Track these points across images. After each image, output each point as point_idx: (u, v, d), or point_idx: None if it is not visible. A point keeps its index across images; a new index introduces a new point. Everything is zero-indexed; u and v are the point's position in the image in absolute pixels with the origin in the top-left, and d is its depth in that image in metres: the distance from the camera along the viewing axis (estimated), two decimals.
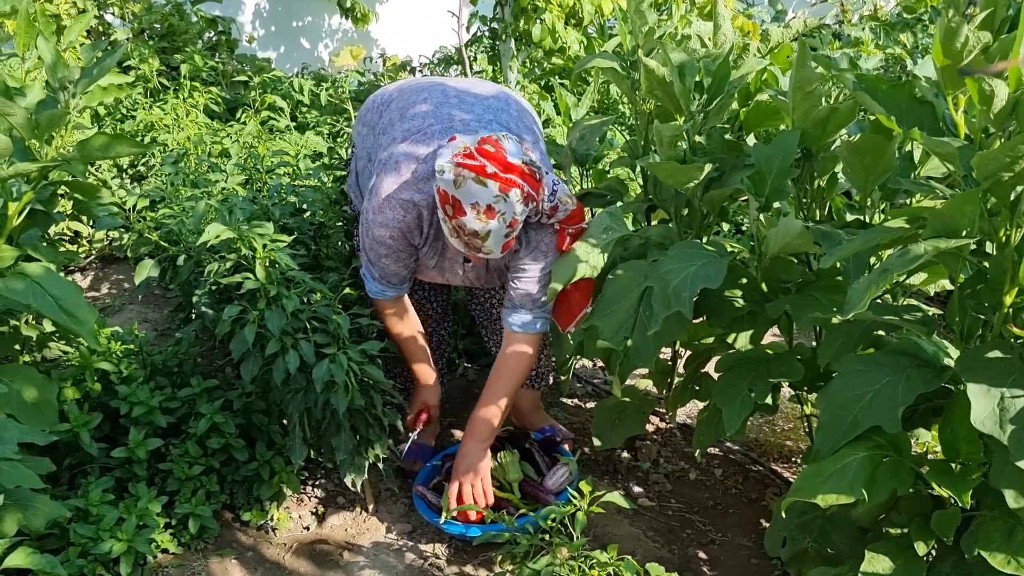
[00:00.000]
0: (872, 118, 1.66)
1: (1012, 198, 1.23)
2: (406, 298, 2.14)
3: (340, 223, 2.34)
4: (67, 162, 1.74)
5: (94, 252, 3.43)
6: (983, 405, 1.22)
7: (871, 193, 1.69)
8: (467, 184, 1.69)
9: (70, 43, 2.53)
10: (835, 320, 1.64)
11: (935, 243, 1.21)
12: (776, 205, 1.72)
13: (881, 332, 1.66)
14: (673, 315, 1.63)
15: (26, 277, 1.73)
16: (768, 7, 8.11)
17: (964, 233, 1.26)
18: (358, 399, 1.80)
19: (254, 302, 1.79)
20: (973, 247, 1.36)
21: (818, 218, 1.90)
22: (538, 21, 3.61)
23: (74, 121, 2.53)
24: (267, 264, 1.77)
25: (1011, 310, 1.30)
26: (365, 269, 2.04)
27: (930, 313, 1.52)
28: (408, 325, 2.14)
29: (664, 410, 2.56)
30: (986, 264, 1.35)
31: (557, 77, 4.59)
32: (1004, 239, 1.27)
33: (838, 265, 1.72)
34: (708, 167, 1.73)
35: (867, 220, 1.75)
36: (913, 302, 1.78)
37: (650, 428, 2.52)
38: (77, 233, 3.37)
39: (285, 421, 2.05)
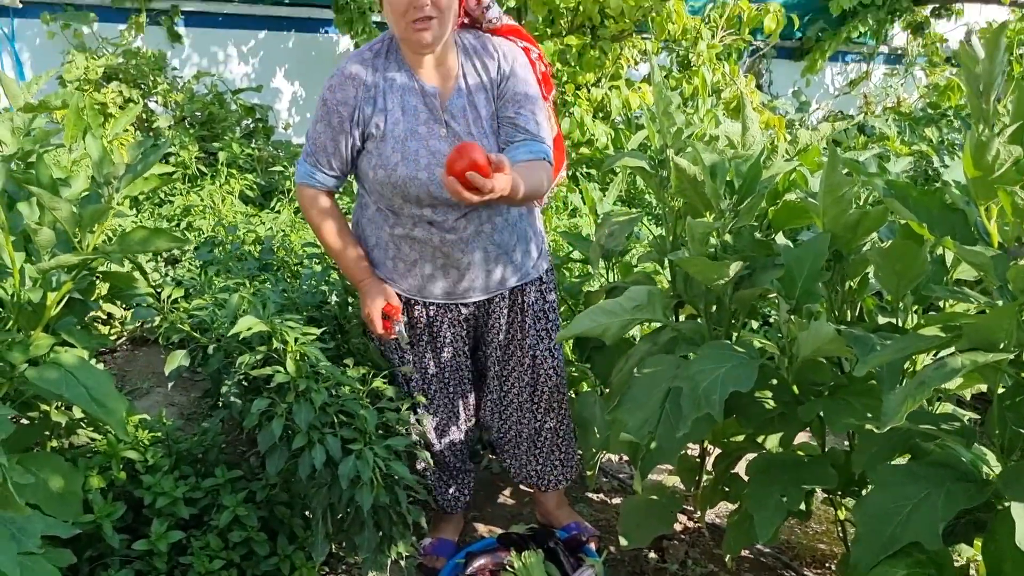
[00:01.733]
0: (903, 222, 1.66)
1: None
2: (334, 201, 2.05)
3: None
4: (106, 255, 1.78)
5: (125, 333, 3.47)
6: None
7: (903, 297, 1.68)
8: None
9: (116, 135, 2.63)
10: (870, 426, 1.61)
11: (973, 356, 1.19)
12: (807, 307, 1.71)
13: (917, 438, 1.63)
14: (702, 416, 1.61)
15: (60, 367, 1.75)
16: (791, 99, 8.27)
17: (1001, 346, 1.25)
18: (383, 496, 1.78)
19: (283, 395, 1.79)
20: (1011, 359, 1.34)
21: (849, 319, 1.89)
22: (567, 115, 3.71)
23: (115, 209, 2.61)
24: (297, 357, 1.78)
25: None
26: (303, 153, 2.00)
27: (966, 419, 1.48)
28: (335, 227, 2.02)
29: (692, 508, 2.50)
30: None
31: (584, 166, 4.67)
32: None
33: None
34: (738, 265, 1.74)
35: (899, 324, 1.73)
36: (950, 407, 1.75)
37: (678, 527, 2.45)
38: (110, 315, 3.42)
39: (308, 514, 2.02)
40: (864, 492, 1.74)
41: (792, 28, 4.28)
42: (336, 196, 2.08)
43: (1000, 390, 1.40)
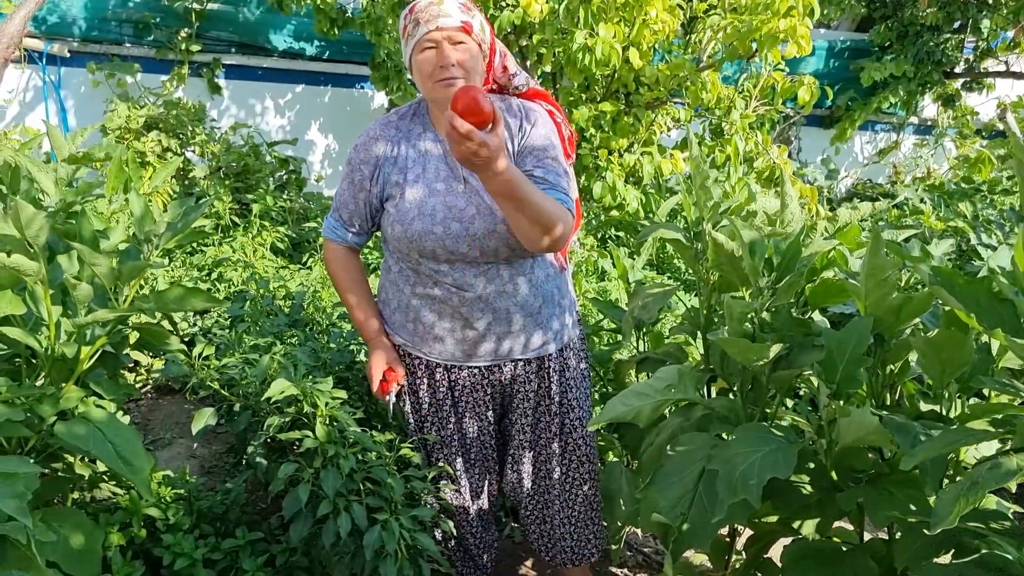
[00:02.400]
0: (947, 308, 1.63)
1: None
2: (356, 258, 2.10)
3: None
4: (142, 311, 1.79)
5: (151, 381, 3.48)
6: None
7: (947, 385, 1.64)
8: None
9: (155, 188, 2.67)
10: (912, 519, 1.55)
11: None
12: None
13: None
14: (738, 501, 1.57)
15: (88, 422, 1.75)
16: (820, 166, 8.29)
17: None
18: (407, 568, 1.74)
19: (310, 459, 1.77)
20: None
21: (888, 402, 1.84)
22: (600, 179, 3.72)
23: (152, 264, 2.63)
24: (326, 422, 1.76)
25: None
26: (331, 208, 2.09)
27: (1010, 513, 1.43)
28: (353, 284, 2.07)
29: None
30: None
31: (613, 228, 4.68)
32: None
33: None
34: (778, 347, 1.71)
35: (943, 412, 1.69)
36: (994, 500, 1.69)
37: None
38: (137, 362, 3.44)
39: None
40: None
41: (824, 97, 4.30)
42: (362, 253, 2.11)
43: None
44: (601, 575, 2.54)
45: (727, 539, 2.26)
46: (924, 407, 1.79)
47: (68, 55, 6.15)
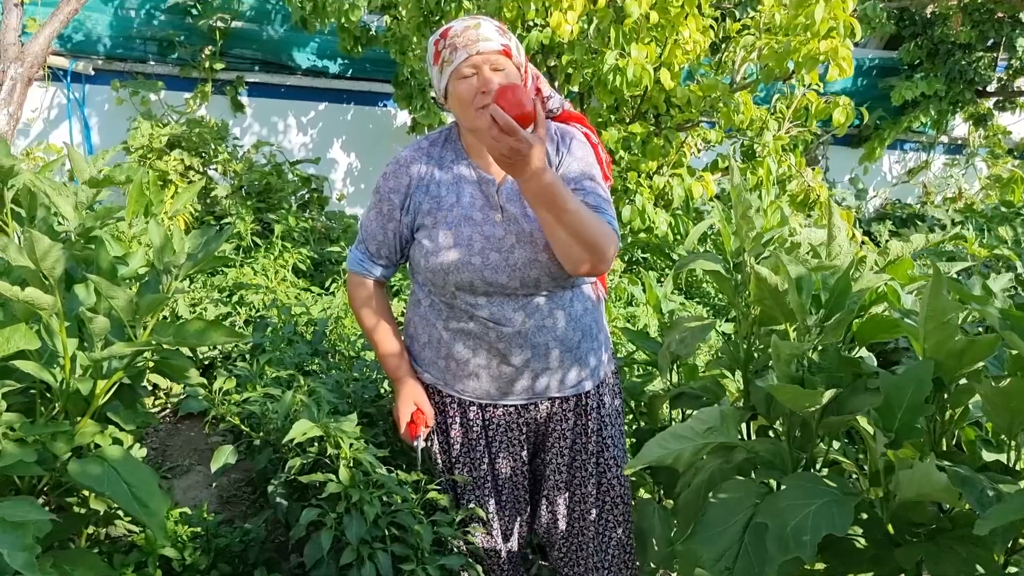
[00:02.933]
0: (1015, 352, 1.53)
1: None
2: (382, 292, 2.02)
3: None
4: (160, 346, 1.72)
5: (170, 405, 3.42)
6: None
7: (1016, 435, 1.53)
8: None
9: (176, 211, 2.62)
10: None
11: None
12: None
13: None
14: (790, 559, 1.47)
15: (103, 461, 1.68)
16: (849, 186, 8.15)
17: None
18: None
19: (333, 503, 1.69)
20: None
21: (945, 448, 1.74)
22: (629, 202, 3.63)
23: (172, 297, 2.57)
24: (351, 464, 1.67)
25: None
26: (356, 240, 2.00)
27: None
28: (379, 319, 1.98)
29: None
30: None
31: (640, 251, 4.59)
32: None
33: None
34: (831, 393, 1.60)
35: (1010, 464, 1.58)
36: None
37: None
38: (156, 385, 3.38)
39: None
40: None
41: (859, 118, 4.20)
42: (388, 284, 2.03)
43: None
44: None
45: None
46: (987, 456, 1.68)
47: (92, 73, 6.15)
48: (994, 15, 7.03)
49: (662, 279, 4.04)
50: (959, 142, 8.59)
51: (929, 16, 7.58)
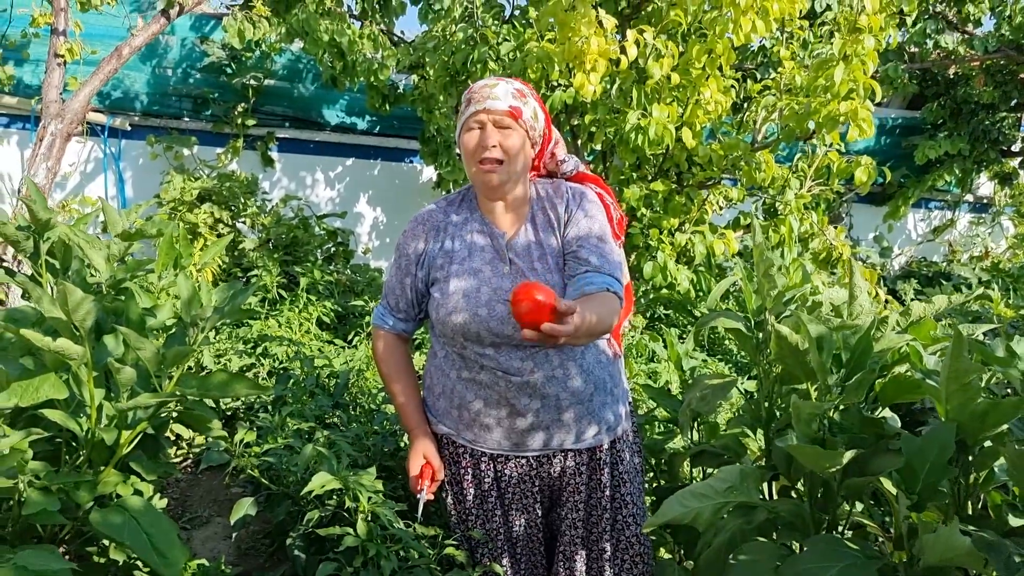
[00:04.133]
0: None
1: None
2: (404, 346, 2.07)
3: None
4: (183, 398, 1.75)
5: (191, 456, 3.43)
6: None
7: None
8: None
9: (205, 264, 2.67)
10: None
11: None
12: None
13: None
14: None
15: (124, 511, 1.69)
16: (873, 244, 8.12)
17: None
18: None
19: (350, 557, 1.68)
20: None
21: (971, 512, 1.70)
22: (651, 258, 3.65)
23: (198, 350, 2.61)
24: (368, 518, 1.67)
25: None
26: (382, 296, 2.09)
27: None
28: (398, 372, 2.03)
29: None
30: None
31: (662, 307, 4.58)
32: None
33: None
34: (851, 453, 1.59)
35: None
36: None
37: None
38: (178, 436, 3.40)
39: None
40: None
41: (882, 176, 4.21)
42: (411, 341, 2.08)
43: None
44: None
45: None
46: (1014, 521, 1.65)
47: (129, 128, 6.35)
48: (1016, 76, 7.07)
49: (684, 336, 4.03)
50: (984, 201, 8.56)
51: (952, 76, 7.63)
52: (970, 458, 1.62)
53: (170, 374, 1.82)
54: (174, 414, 2.02)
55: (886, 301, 3.91)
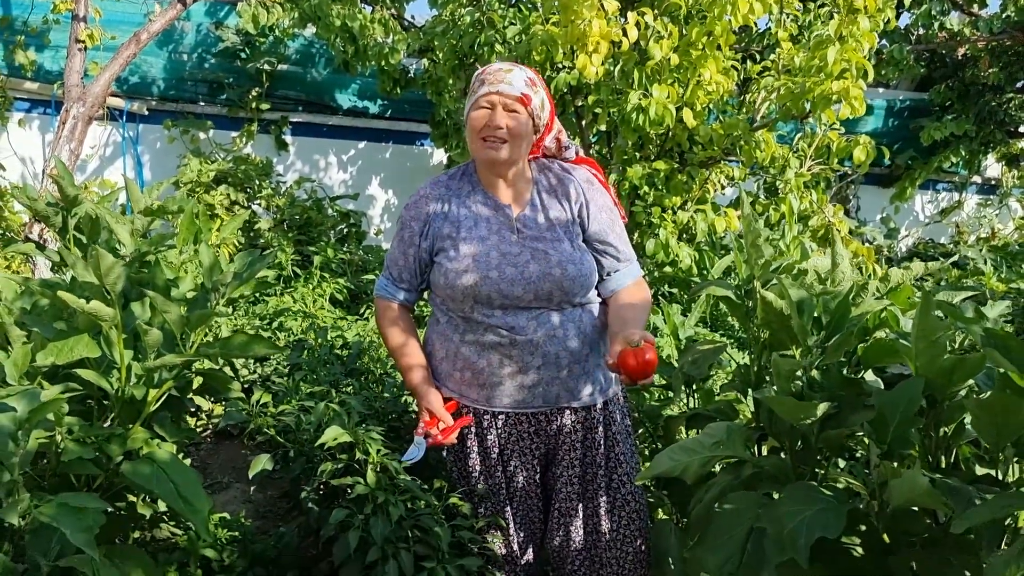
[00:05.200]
0: (1003, 371, 1.61)
1: None
2: (407, 314, 2.19)
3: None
4: (208, 357, 1.87)
5: (211, 426, 3.58)
6: None
7: (1003, 449, 1.61)
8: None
9: (223, 240, 2.80)
10: None
11: None
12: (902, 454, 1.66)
13: None
14: (788, 561, 1.56)
15: (153, 462, 1.82)
16: (880, 225, 8.17)
17: None
18: None
19: (360, 505, 1.81)
20: None
21: (944, 465, 1.81)
22: (653, 236, 3.76)
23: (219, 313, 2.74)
24: (377, 469, 1.80)
25: None
26: (384, 266, 2.19)
27: None
28: (403, 335, 2.14)
29: None
30: None
31: (667, 285, 4.69)
32: None
33: None
34: (825, 406, 1.70)
35: (999, 476, 1.65)
36: None
37: None
38: (198, 407, 3.54)
39: None
40: None
41: (882, 157, 4.29)
42: (412, 311, 2.22)
43: None
44: None
45: None
46: (980, 471, 1.76)
47: (147, 113, 6.48)
48: (1022, 57, 7.09)
49: (686, 312, 4.14)
50: (992, 182, 8.58)
51: (960, 58, 7.65)
52: (939, 412, 1.73)
53: (192, 340, 1.95)
54: (198, 379, 2.16)
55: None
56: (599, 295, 2.17)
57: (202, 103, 6.71)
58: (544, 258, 2.00)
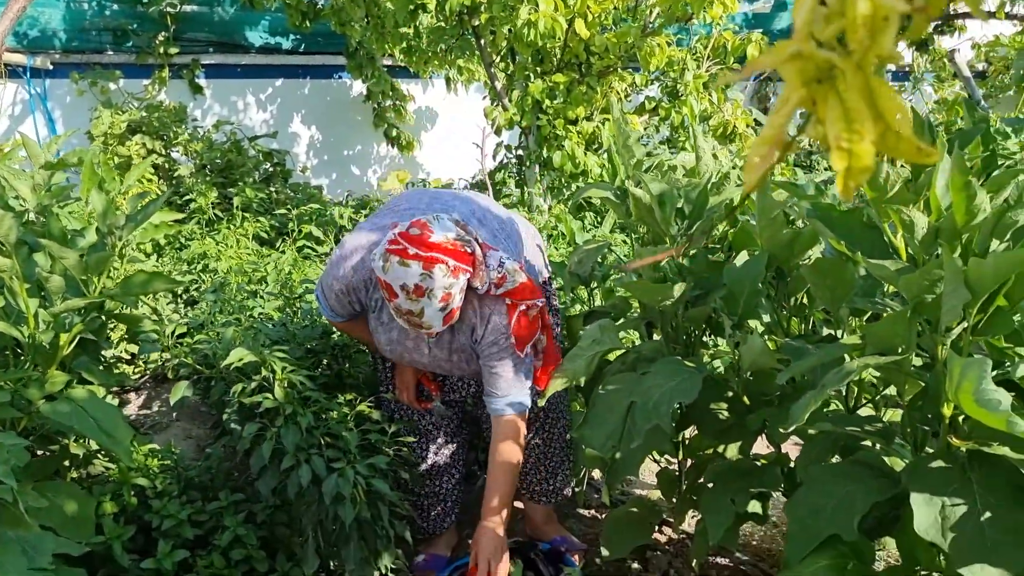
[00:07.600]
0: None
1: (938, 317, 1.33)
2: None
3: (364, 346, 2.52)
4: (111, 298, 1.97)
5: (148, 372, 3.67)
6: (925, 513, 1.29)
7: (839, 310, 1.79)
8: (393, 268, 1.80)
9: (128, 186, 2.83)
10: (812, 431, 1.72)
11: (867, 360, 1.32)
12: (751, 323, 1.84)
13: (867, 443, 1.73)
14: (655, 428, 1.74)
15: (71, 401, 1.93)
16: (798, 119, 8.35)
17: (900, 350, 1.37)
18: (365, 511, 1.92)
19: (272, 418, 1.95)
20: (920, 363, 1.45)
21: (801, 332, 2.00)
22: (559, 148, 3.87)
23: (129, 255, 2.81)
24: (285, 385, 1.94)
25: (951, 421, 1.37)
26: (320, 294, 2.15)
27: (889, 423, 1.59)
28: (361, 328, 2.20)
29: (673, 520, 2.60)
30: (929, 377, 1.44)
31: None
32: (937, 355, 1.37)
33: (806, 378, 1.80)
34: (680, 286, 1.87)
35: (839, 336, 1.85)
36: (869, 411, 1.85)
37: (662, 538, 2.56)
38: (133, 355, 3.63)
39: None
40: None
41: None
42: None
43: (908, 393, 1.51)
44: (569, 516, 2.72)
45: (676, 473, 2.43)
46: (826, 333, 1.95)
47: (51, 67, 6.32)
48: None
49: (601, 218, 4.28)
50: (906, 68, 8.78)
51: None
52: (788, 284, 1.91)
53: (95, 283, 2.04)
54: (110, 320, 2.24)
55: (794, 171, 4.17)
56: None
57: (109, 52, 6.54)
58: (447, 365, 2.15)
